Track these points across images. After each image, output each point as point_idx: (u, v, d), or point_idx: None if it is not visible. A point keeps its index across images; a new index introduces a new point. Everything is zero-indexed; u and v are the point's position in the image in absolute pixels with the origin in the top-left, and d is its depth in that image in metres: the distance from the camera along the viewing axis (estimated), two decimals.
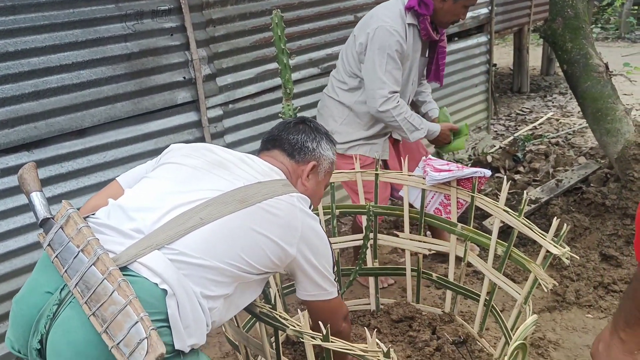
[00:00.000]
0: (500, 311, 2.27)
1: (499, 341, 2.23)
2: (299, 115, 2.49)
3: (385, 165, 2.87)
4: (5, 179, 2.44)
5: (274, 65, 3.26)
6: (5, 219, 2.46)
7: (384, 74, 2.51)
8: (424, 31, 2.61)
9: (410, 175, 2.35)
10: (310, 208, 1.55)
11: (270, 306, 1.56)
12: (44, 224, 1.32)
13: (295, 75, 3.46)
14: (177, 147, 1.61)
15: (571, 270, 2.95)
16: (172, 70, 2.88)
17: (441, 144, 2.88)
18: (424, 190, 2.33)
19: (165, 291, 1.23)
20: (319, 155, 1.71)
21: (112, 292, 1.17)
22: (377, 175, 2.42)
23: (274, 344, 1.77)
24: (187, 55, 2.91)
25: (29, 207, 2.52)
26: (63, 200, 1.35)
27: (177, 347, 1.22)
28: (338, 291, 1.65)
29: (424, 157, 2.36)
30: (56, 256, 1.26)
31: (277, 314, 1.53)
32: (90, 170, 2.69)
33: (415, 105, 3.06)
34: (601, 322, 2.63)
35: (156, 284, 1.23)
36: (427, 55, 2.84)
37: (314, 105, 3.60)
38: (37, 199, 1.36)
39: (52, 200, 2.58)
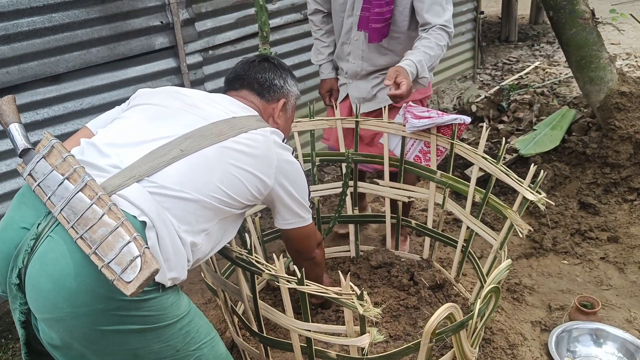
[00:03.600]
0: (478, 258, 2.31)
1: (475, 286, 2.28)
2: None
3: None
4: None
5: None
6: None
7: None
8: None
9: (390, 122, 2.33)
10: (283, 141, 1.56)
11: (247, 251, 1.57)
12: (24, 154, 1.30)
13: (277, 21, 3.39)
14: (146, 90, 1.59)
15: (549, 217, 2.99)
16: (148, 15, 2.80)
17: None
18: (404, 138, 2.32)
19: (144, 223, 1.23)
20: (287, 92, 1.73)
21: (102, 215, 1.16)
22: (357, 122, 2.40)
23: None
24: None
25: (1, 156, 2.49)
26: (45, 131, 1.33)
27: (157, 279, 1.22)
28: (313, 218, 1.72)
29: (404, 104, 2.33)
30: (38, 185, 1.24)
31: (252, 259, 1.54)
32: (67, 117, 2.64)
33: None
34: (576, 267, 2.69)
35: (135, 216, 1.22)
36: None
37: (295, 52, 3.55)
38: (15, 130, 1.33)
39: None
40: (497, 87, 5.09)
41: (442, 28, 2.24)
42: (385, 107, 2.37)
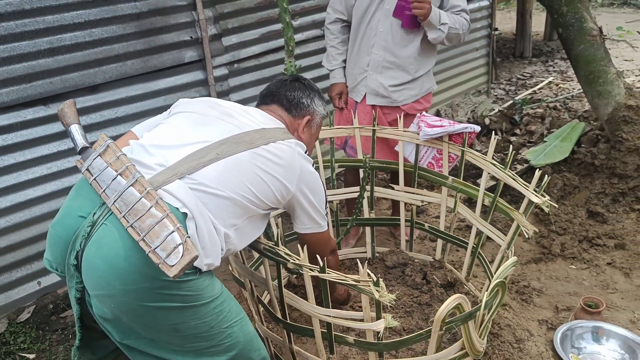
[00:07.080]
0: (490, 262, 2.44)
1: (484, 285, 2.40)
2: (299, 73, 2.62)
3: None
4: (23, 131, 2.59)
5: (278, 26, 3.36)
6: (25, 170, 2.63)
7: None
8: None
9: (405, 131, 2.48)
10: (306, 153, 1.74)
11: (274, 242, 1.72)
12: (83, 151, 1.49)
13: (299, 37, 3.57)
14: (186, 100, 1.79)
15: (558, 225, 3.11)
16: (179, 30, 3.00)
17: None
18: (418, 145, 2.47)
19: (185, 214, 1.40)
20: (312, 111, 1.91)
21: (150, 207, 1.34)
22: (374, 131, 2.56)
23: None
24: (193, 15, 3.02)
25: (46, 158, 2.69)
26: (101, 133, 1.52)
27: (195, 264, 1.39)
28: (328, 225, 1.89)
29: (418, 114, 2.49)
30: (94, 179, 1.43)
31: (279, 250, 1.69)
32: (103, 125, 2.83)
33: None
34: (583, 272, 2.81)
35: (177, 208, 1.40)
36: None
37: (316, 66, 3.72)
38: (76, 130, 1.52)
39: (67, 154, 2.74)
40: (511, 102, 5.23)
41: (464, 11, 2.65)
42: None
